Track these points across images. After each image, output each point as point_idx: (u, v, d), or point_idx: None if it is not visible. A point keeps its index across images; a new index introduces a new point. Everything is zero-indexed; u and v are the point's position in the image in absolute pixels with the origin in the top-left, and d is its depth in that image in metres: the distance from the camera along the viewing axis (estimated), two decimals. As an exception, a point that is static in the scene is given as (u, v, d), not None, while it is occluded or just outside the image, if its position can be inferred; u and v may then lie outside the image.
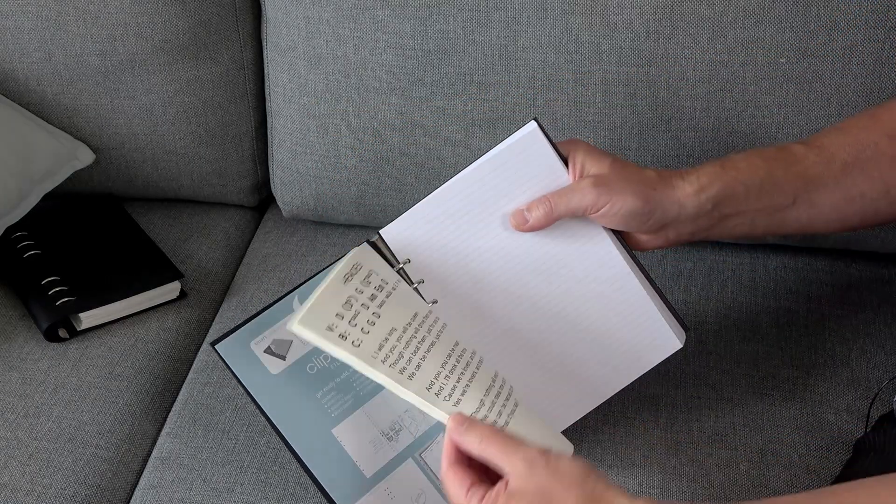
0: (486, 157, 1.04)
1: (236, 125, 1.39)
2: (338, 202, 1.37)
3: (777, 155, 1.04)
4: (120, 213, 1.40)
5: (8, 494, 1.09)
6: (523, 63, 1.23)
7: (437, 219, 1.04)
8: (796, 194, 1.03)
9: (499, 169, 1.04)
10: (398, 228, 1.04)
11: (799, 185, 1.03)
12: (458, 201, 1.04)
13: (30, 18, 1.31)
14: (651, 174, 1.03)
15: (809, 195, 1.04)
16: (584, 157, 1.04)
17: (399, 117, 1.29)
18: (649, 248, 1.06)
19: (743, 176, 1.03)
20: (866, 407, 1.11)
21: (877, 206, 1.05)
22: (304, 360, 1.03)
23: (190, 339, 1.28)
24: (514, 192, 1.04)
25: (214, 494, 1.08)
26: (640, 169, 1.04)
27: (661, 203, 1.02)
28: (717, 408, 1.13)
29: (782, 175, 1.03)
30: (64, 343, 1.24)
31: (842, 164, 1.03)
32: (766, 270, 1.30)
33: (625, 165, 1.03)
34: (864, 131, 1.05)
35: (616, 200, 1.01)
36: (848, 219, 1.06)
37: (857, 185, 1.03)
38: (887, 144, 1.04)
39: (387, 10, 1.23)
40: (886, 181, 1.04)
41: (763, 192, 1.03)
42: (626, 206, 1.01)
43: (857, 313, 1.24)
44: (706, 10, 1.17)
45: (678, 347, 1.06)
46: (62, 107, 1.36)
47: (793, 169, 1.03)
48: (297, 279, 1.32)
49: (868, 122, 1.06)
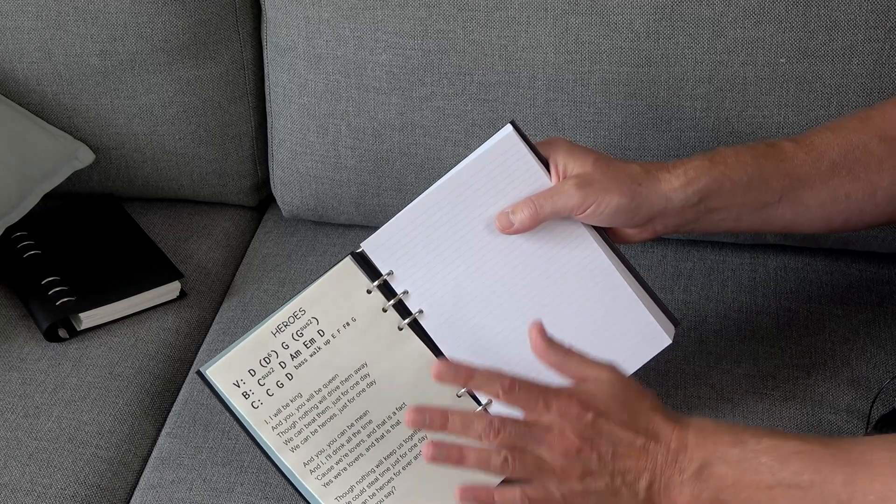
0: (464, 164, 1.05)
1: (236, 125, 1.39)
2: (338, 202, 1.37)
3: (766, 151, 1.05)
4: (120, 213, 1.40)
5: (8, 494, 1.09)
6: (523, 63, 1.23)
7: (418, 228, 1.04)
8: (783, 191, 1.04)
9: (477, 175, 1.04)
10: (379, 241, 1.04)
11: (786, 182, 1.04)
12: (437, 210, 1.04)
13: (30, 18, 1.31)
14: (635, 169, 1.03)
15: (796, 193, 1.04)
16: (566, 156, 1.04)
17: (399, 117, 1.29)
18: (635, 241, 1.07)
19: (731, 171, 1.03)
20: (866, 407, 1.11)
21: (862, 208, 1.05)
22: None
23: (190, 339, 1.28)
24: (493, 197, 1.04)
25: (214, 494, 1.08)
26: (624, 164, 1.03)
27: (648, 198, 1.02)
28: (717, 408, 1.13)
29: (770, 171, 1.03)
30: (64, 343, 1.24)
31: (830, 163, 1.03)
32: (766, 270, 1.30)
33: (609, 162, 1.03)
34: (854, 132, 1.05)
35: (602, 200, 1.01)
36: (832, 219, 1.06)
37: (843, 186, 1.04)
38: (877, 146, 1.04)
39: (387, 10, 1.23)
40: (873, 183, 1.04)
41: (750, 187, 1.03)
42: (612, 205, 1.01)
43: (857, 313, 1.24)
44: (706, 10, 1.17)
45: (667, 343, 1.06)
46: (62, 107, 1.36)
47: (781, 166, 1.04)
48: (298, 279, 1.32)
49: (859, 124, 1.06)
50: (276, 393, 1.03)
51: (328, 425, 1.02)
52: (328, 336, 1.04)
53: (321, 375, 1.03)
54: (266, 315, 1.27)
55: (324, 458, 1.02)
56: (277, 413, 1.02)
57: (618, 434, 0.89)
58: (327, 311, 1.05)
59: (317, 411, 1.03)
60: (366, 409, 1.03)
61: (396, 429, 1.03)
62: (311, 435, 1.02)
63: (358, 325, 1.05)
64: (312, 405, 1.03)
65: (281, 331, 1.04)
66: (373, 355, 1.05)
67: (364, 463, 1.02)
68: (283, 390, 1.03)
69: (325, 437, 1.02)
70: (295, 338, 1.04)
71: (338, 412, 1.03)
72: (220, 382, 1.02)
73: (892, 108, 1.07)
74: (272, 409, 1.02)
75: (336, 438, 1.02)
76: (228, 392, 1.02)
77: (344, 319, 1.05)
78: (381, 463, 1.02)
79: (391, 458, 1.03)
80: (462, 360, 0.93)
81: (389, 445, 1.03)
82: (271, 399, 1.02)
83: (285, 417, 1.02)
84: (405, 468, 1.02)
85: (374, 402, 1.04)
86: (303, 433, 1.02)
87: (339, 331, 1.05)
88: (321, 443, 1.02)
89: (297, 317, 1.04)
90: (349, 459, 1.02)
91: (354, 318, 1.05)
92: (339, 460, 1.02)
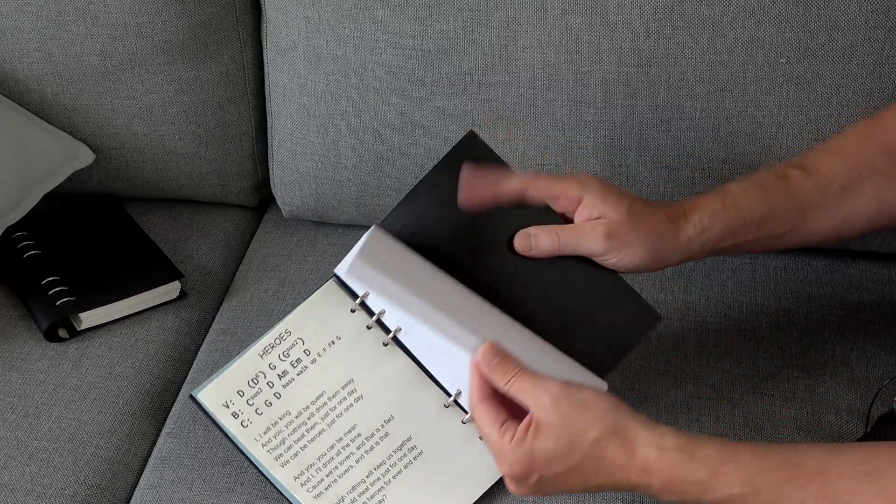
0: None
1: (236, 125, 1.39)
2: (338, 202, 1.37)
3: (776, 184, 1.04)
4: (120, 213, 1.40)
5: (8, 494, 1.09)
6: (523, 63, 1.23)
7: (389, 247, 1.04)
8: (794, 223, 1.05)
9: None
10: (350, 264, 1.05)
11: (797, 214, 1.04)
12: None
13: (30, 18, 1.31)
14: (661, 220, 1.02)
15: (805, 221, 1.05)
16: (600, 200, 1.02)
17: (399, 117, 1.29)
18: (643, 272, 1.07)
19: (743, 214, 1.03)
20: (866, 407, 1.11)
21: (871, 221, 1.06)
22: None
23: (190, 339, 1.28)
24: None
25: (214, 494, 1.08)
26: (652, 213, 1.02)
27: (668, 251, 1.02)
28: (717, 408, 1.13)
29: (781, 206, 1.04)
30: (64, 343, 1.24)
31: (839, 188, 1.04)
32: (766, 270, 1.30)
33: (640, 212, 1.02)
34: (858, 152, 1.05)
35: (626, 254, 1.01)
36: (842, 235, 1.07)
37: (853, 207, 1.05)
38: (882, 162, 1.04)
39: (387, 10, 1.23)
40: (881, 198, 1.05)
41: (762, 224, 1.04)
42: (635, 260, 1.02)
43: (857, 313, 1.24)
44: (706, 10, 1.17)
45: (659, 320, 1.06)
46: (62, 107, 1.36)
47: (791, 199, 1.04)
48: (297, 279, 1.32)
49: (862, 141, 1.06)
50: (265, 412, 1.04)
51: (317, 440, 1.04)
52: (314, 355, 1.06)
53: (309, 393, 1.05)
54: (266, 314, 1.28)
55: (314, 471, 1.03)
56: (267, 431, 1.04)
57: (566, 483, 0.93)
58: (313, 332, 1.07)
59: (305, 427, 1.04)
60: (354, 422, 1.05)
61: (385, 440, 1.04)
62: (301, 450, 1.04)
63: (343, 343, 1.06)
64: (301, 421, 1.04)
65: (268, 352, 1.06)
66: (359, 371, 1.06)
67: (354, 474, 1.03)
68: (272, 409, 1.05)
69: (315, 451, 1.04)
70: (281, 358, 1.06)
71: (326, 427, 1.04)
72: (210, 404, 1.05)
73: (890, 117, 1.07)
74: (261, 428, 1.04)
75: (325, 452, 1.04)
76: (219, 413, 1.04)
77: (329, 338, 1.07)
78: (370, 473, 1.03)
79: (381, 468, 1.04)
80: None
81: (379, 456, 1.04)
82: (260, 418, 1.04)
83: (274, 434, 1.04)
84: (395, 478, 1.03)
85: (362, 415, 1.05)
86: (292, 449, 1.04)
87: (324, 349, 1.06)
88: (311, 457, 1.04)
89: (283, 338, 1.07)
90: (339, 472, 1.03)
91: (339, 336, 1.07)
92: (328, 473, 1.03)
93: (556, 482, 0.93)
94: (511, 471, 0.93)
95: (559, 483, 0.93)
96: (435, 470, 1.04)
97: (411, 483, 1.03)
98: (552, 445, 0.91)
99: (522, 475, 0.93)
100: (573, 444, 0.91)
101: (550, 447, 0.91)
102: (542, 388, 0.93)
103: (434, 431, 1.05)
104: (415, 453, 1.04)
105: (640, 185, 1.27)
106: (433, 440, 1.05)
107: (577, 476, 0.92)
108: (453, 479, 1.04)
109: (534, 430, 0.92)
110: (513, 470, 0.93)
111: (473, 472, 1.04)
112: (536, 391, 0.93)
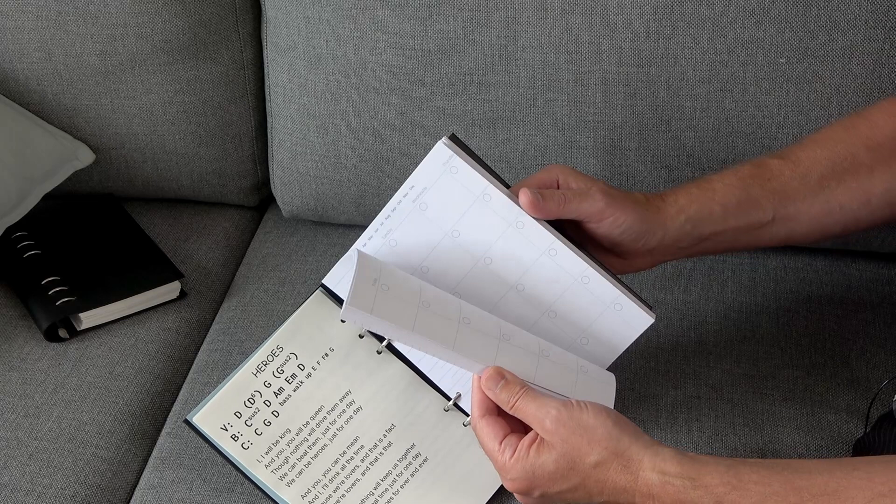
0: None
1: (236, 125, 1.39)
2: (338, 202, 1.37)
3: (753, 172, 1.05)
4: (120, 213, 1.40)
5: (8, 494, 1.09)
6: (523, 63, 1.23)
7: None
8: (774, 210, 1.05)
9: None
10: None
11: (776, 200, 1.04)
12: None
13: (30, 18, 1.31)
14: (639, 197, 1.04)
15: (787, 210, 1.05)
16: (573, 176, 1.03)
17: (399, 117, 1.29)
18: (636, 269, 1.08)
19: (719, 196, 1.04)
20: (866, 407, 1.11)
21: (857, 216, 1.06)
22: None
23: (190, 339, 1.28)
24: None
25: (214, 494, 1.08)
26: (628, 192, 1.05)
27: (651, 225, 1.03)
28: (717, 408, 1.13)
29: (759, 192, 1.04)
30: (64, 343, 1.24)
31: (818, 177, 1.04)
32: (766, 270, 1.30)
33: (617, 189, 1.04)
34: (840, 143, 1.06)
35: (619, 215, 1.02)
36: (828, 229, 1.07)
37: (835, 198, 1.05)
38: (865, 155, 1.04)
39: (387, 10, 1.23)
40: (866, 191, 1.05)
41: (741, 210, 1.04)
42: (627, 222, 1.02)
43: (857, 313, 1.24)
44: (706, 10, 1.17)
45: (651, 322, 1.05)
46: (62, 107, 1.36)
47: (769, 185, 1.05)
48: (297, 279, 1.32)
49: (845, 134, 1.06)
50: (265, 432, 1.03)
51: (321, 456, 1.03)
52: (309, 369, 1.05)
53: (307, 408, 1.04)
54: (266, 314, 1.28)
55: (321, 487, 1.02)
56: (269, 451, 1.03)
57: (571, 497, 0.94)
58: (305, 345, 1.06)
59: (308, 444, 1.04)
60: (356, 434, 1.04)
61: (389, 450, 1.04)
62: (306, 468, 1.03)
63: (337, 354, 1.06)
64: (302, 438, 1.04)
65: (261, 370, 1.05)
66: (356, 382, 1.05)
67: (362, 487, 1.03)
68: (272, 428, 1.04)
69: (320, 467, 1.03)
70: (276, 375, 1.05)
71: (329, 441, 1.04)
72: (207, 428, 1.03)
73: (877, 114, 1.07)
74: (263, 448, 1.03)
75: (330, 467, 1.03)
76: (217, 437, 1.03)
77: (322, 351, 1.06)
78: (378, 485, 1.03)
79: (388, 478, 1.03)
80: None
81: (384, 467, 1.03)
82: (261, 438, 1.03)
83: (277, 454, 1.03)
84: (403, 487, 1.03)
85: (363, 426, 1.04)
86: (296, 467, 1.03)
87: (318, 363, 1.06)
88: (316, 473, 1.03)
89: (276, 354, 1.06)
90: (346, 486, 1.03)
91: (332, 348, 1.06)
92: (336, 488, 1.02)
93: (561, 497, 0.94)
94: (513, 486, 0.95)
95: (564, 497, 0.94)
96: (442, 475, 1.04)
97: (420, 491, 1.03)
98: (553, 468, 0.93)
99: (524, 490, 0.95)
100: (573, 467, 0.92)
101: (551, 468, 0.93)
102: (545, 411, 0.94)
103: (437, 436, 1.05)
104: (420, 460, 1.04)
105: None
106: (437, 445, 1.04)
107: (582, 492, 0.93)
108: (461, 482, 1.04)
109: (536, 449, 0.93)
110: (514, 486, 0.95)
111: (480, 475, 1.04)
112: (540, 413, 0.94)
